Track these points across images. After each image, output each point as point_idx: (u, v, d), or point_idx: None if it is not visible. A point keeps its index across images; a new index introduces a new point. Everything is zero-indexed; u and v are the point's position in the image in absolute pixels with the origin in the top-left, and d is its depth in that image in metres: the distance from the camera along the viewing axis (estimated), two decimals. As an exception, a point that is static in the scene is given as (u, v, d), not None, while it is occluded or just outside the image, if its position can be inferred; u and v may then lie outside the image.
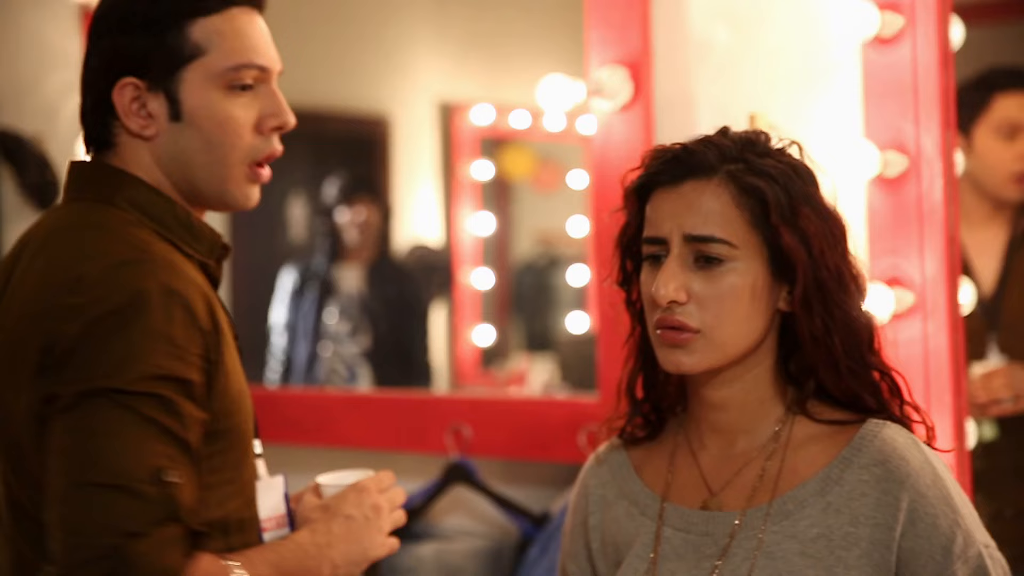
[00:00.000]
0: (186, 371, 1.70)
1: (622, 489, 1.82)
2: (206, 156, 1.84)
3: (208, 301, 1.76)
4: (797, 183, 1.70)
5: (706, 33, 2.65)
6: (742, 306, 1.68)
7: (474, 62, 4.00)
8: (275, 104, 1.86)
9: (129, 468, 1.65)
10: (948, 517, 1.65)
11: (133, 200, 1.84)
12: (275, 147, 1.87)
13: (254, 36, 1.85)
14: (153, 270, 1.72)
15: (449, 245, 4.02)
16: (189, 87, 1.82)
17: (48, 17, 3.63)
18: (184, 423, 1.69)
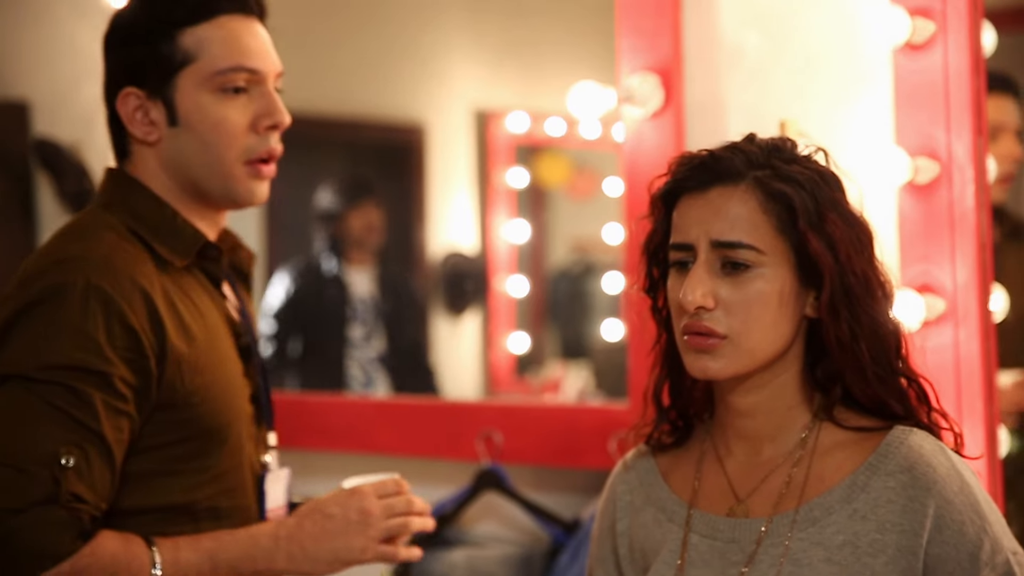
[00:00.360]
0: (101, 364, 1.80)
1: (649, 495, 1.82)
2: (203, 157, 1.95)
3: (150, 301, 1.84)
4: (824, 189, 1.70)
5: (737, 39, 2.64)
6: (769, 312, 1.68)
7: (509, 69, 4.00)
8: (268, 104, 1.95)
9: (22, 449, 1.77)
10: (975, 524, 1.64)
11: (127, 204, 1.96)
12: (272, 146, 1.96)
13: (243, 40, 1.95)
14: (83, 267, 1.83)
15: (484, 253, 4.02)
16: (183, 93, 1.94)
17: (85, 25, 3.65)
18: (94, 412, 1.79)
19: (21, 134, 3.73)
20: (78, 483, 1.78)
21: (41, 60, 3.77)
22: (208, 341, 1.93)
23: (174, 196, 1.98)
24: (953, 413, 2.23)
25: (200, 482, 1.92)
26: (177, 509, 1.91)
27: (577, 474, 2.91)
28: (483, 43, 3.96)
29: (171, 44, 1.94)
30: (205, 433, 1.92)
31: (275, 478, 2.03)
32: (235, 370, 1.98)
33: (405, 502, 1.92)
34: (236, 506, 1.97)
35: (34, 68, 3.78)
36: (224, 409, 1.93)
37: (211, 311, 1.97)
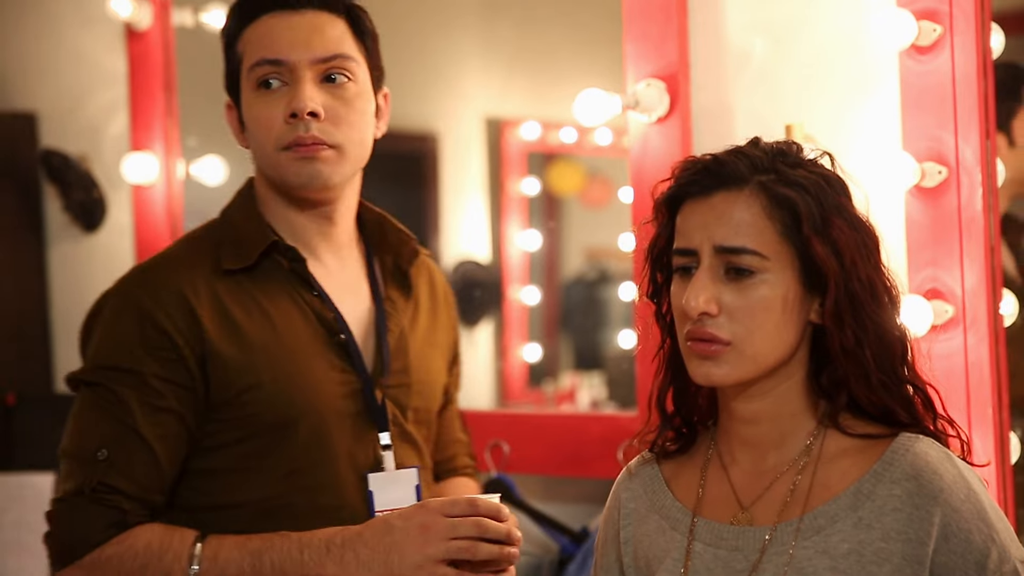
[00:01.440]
0: (134, 364, 1.93)
1: (653, 503, 1.81)
2: (257, 153, 2.05)
3: (189, 306, 1.94)
4: (829, 194, 1.69)
5: (743, 45, 2.64)
6: (773, 318, 1.67)
7: (522, 78, 3.99)
8: (291, 93, 1.99)
9: (74, 444, 1.95)
10: (982, 532, 1.62)
11: (229, 207, 2.10)
12: (298, 134, 1.99)
13: (277, 35, 2.01)
14: (127, 280, 2.03)
15: (497, 261, 4.01)
16: (243, 95, 2.05)
17: (93, 36, 3.67)
18: (129, 410, 1.92)
19: (29, 145, 3.75)
20: (114, 475, 1.91)
21: (49, 72, 3.78)
22: (273, 340, 1.98)
23: (271, 193, 2.06)
24: (962, 419, 2.22)
25: (270, 480, 1.97)
26: (248, 507, 1.96)
27: (585, 483, 2.90)
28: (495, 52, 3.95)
29: (233, 51, 2.05)
30: (269, 430, 1.96)
31: (387, 479, 2.02)
32: (317, 366, 2.00)
33: (473, 525, 1.84)
34: (321, 505, 1.98)
35: (42, 80, 3.80)
36: (290, 406, 1.96)
37: (287, 310, 2.01)
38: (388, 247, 2.14)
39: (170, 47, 3.51)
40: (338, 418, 2.00)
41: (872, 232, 1.72)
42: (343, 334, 2.02)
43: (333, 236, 2.08)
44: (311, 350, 2.00)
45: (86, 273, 3.72)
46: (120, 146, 3.60)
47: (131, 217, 3.57)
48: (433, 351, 2.17)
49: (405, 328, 2.11)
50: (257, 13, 2.03)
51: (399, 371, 2.08)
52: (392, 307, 2.10)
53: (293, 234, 2.06)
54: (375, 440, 2.03)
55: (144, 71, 3.51)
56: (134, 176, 3.50)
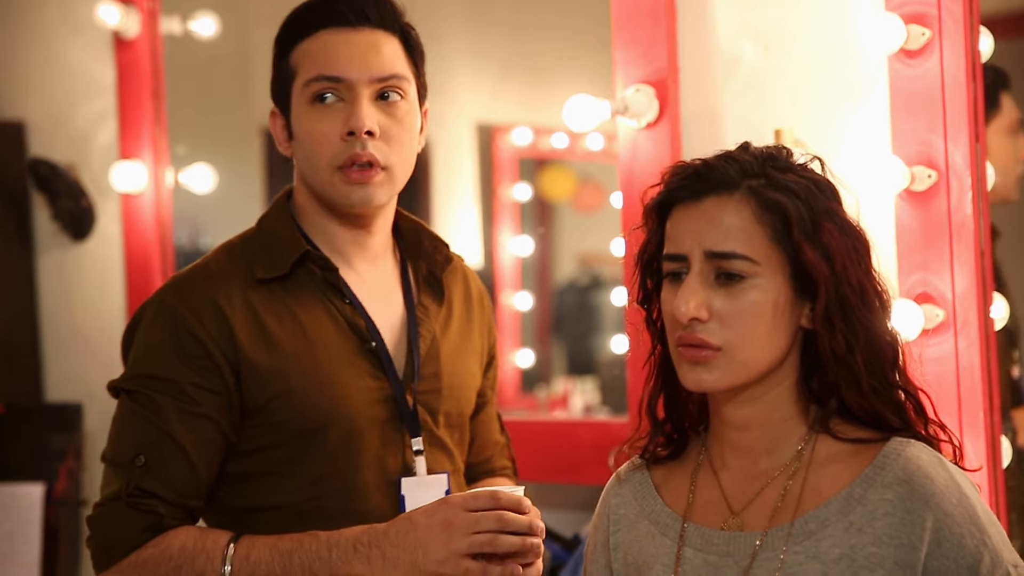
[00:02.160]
0: (169, 372, 1.98)
1: (643, 509, 1.81)
2: (307, 167, 2.06)
3: (223, 315, 1.99)
4: (819, 198, 1.68)
5: (733, 50, 2.63)
6: (764, 323, 1.66)
7: (513, 84, 3.99)
8: (349, 111, 2.01)
9: (115, 450, 2.01)
10: (975, 537, 1.62)
11: (266, 217, 2.12)
12: (355, 151, 2.01)
13: (334, 51, 2.03)
14: (164, 290, 2.06)
15: (490, 267, 4.01)
16: (294, 107, 2.07)
17: (81, 44, 3.66)
18: (165, 416, 1.97)
19: (17, 154, 3.73)
20: (151, 480, 1.96)
21: (37, 80, 3.77)
22: (304, 348, 2.01)
23: (312, 202, 2.09)
24: (954, 424, 2.21)
25: (301, 484, 2.01)
26: (282, 509, 2.01)
27: (576, 490, 2.89)
28: (486, 58, 3.95)
29: (285, 63, 2.07)
30: (300, 436, 2.00)
31: (418, 483, 2.05)
32: (348, 373, 2.03)
33: (494, 519, 1.85)
34: (353, 509, 2.00)
35: (29, 88, 3.79)
36: (320, 413, 2.00)
37: (319, 318, 2.04)
38: (422, 254, 2.17)
39: (158, 55, 3.50)
40: (368, 424, 2.03)
41: (863, 236, 1.71)
42: (374, 341, 2.05)
43: (369, 245, 2.11)
44: (343, 357, 2.03)
45: (75, 282, 3.71)
46: (109, 155, 3.59)
47: (120, 226, 3.56)
48: (466, 356, 2.19)
49: (437, 334, 2.13)
50: (314, 27, 2.05)
51: (430, 376, 2.10)
52: (424, 313, 2.13)
53: (329, 243, 2.09)
54: (405, 445, 2.06)
55: (132, 79, 3.50)
56: (123, 185, 3.49)
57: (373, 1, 2.06)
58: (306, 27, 2.05)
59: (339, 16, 2.04)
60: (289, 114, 2.07)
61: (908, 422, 1.71)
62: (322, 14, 2.05)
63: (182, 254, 3.53)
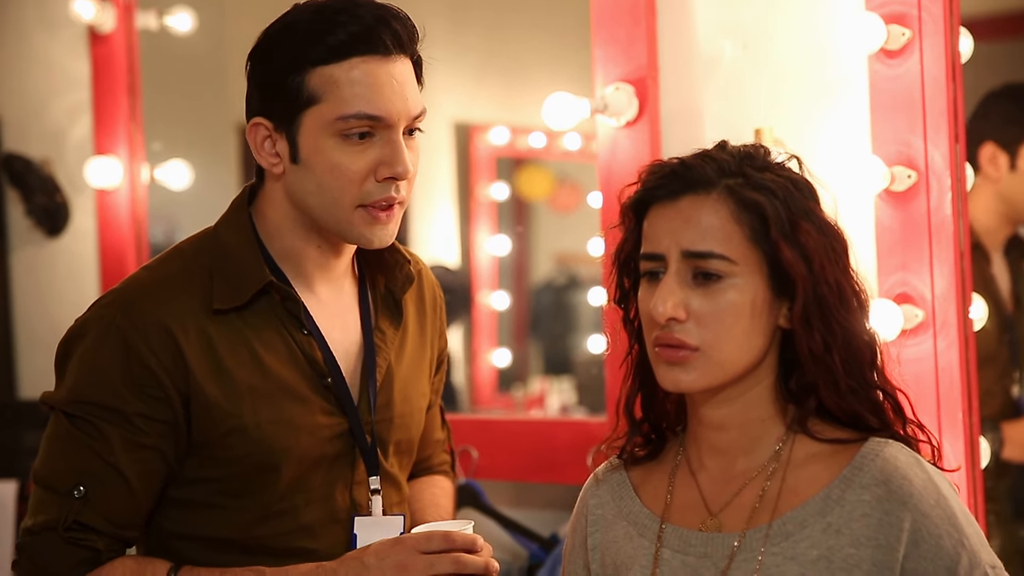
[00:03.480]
0: (116, 402, 1.88)
1: (621, 509, 1.80)
2: (319, 198, 1.90)
3: (175, 343, 1.88)
4: (797, 197, 1.67)
5: (712, 49, 2.63)
6: (742, 323, 1.65)
7: (491, 83, 3.99)
8: (391, 153, 1.88)
9: (51, 474, 1.90)
10: (952, 537, 1.61)
11: (223, 232, 1.98)
12: (389, 194, 1.89)
13: (372, 85, 1.86)
14: (112, 307, 1.92)
15: (466, 266, 4.00)
16: (306, 132, 1.89)
17: (56, 39, 3.64)
18: (110, 447, 1.88)
19: (-9, 149, 3.72)
20: (90, 513, 1.87)
21: (11, 75, 3.75)
22: (259, 382, 1.92)
23: (291, 225, 1.96)
24: (932, 424, 2.21)
25: (246, 519, 1.93)
26: (224, 543, 1.93)
27: (555, 489, 2.89)
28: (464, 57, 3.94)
29: (300, 81, 1.87)
30: (249, 472, 1.92)
31: (373, 523, 1.97)
32: (303, 411, 1.94)
33: (450, 561, 1.79)
34: (298, 548, 1.94)
35: (4, 83, 3.78)
36: (272, 452, 1.91)
37: (276, 349, 1.94)
38: (383, 268, 2.06)
39: (134, 50, 3.49)
40: (320, 462, 1.96)
41: (840, 236, 1.71)
42: (330, 377, 1.96)
43: (334, 267, 2.01)
44: (298, 393, 1.94)
45: (49, 278, 3.70)
46: (84, 150, 3.57)
47: (95, 222, 3.55)
48: (419, 376, 2.11)
49: (392, 361, 2.05)
50: (346, 53, 1.86)
51: (382, 406, 2.03)
52: (382, 339, 2.04)
53: (293, 264, 1.98)
54: (354, 482, 1.99)
55: (108, 74, 3.48)
56: (98, 180, 3.47)
57: (405, 26, 1.90)
58: (334, 50, 1.87)
59: (379, 44, 1.87)
60: (295, 135, 1.90)
61: (886, 422, 1.70)
62: (359, 39, 1.86)
63: (157, 250, 3.50)
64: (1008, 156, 2.65)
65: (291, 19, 1.91)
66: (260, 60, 1.93)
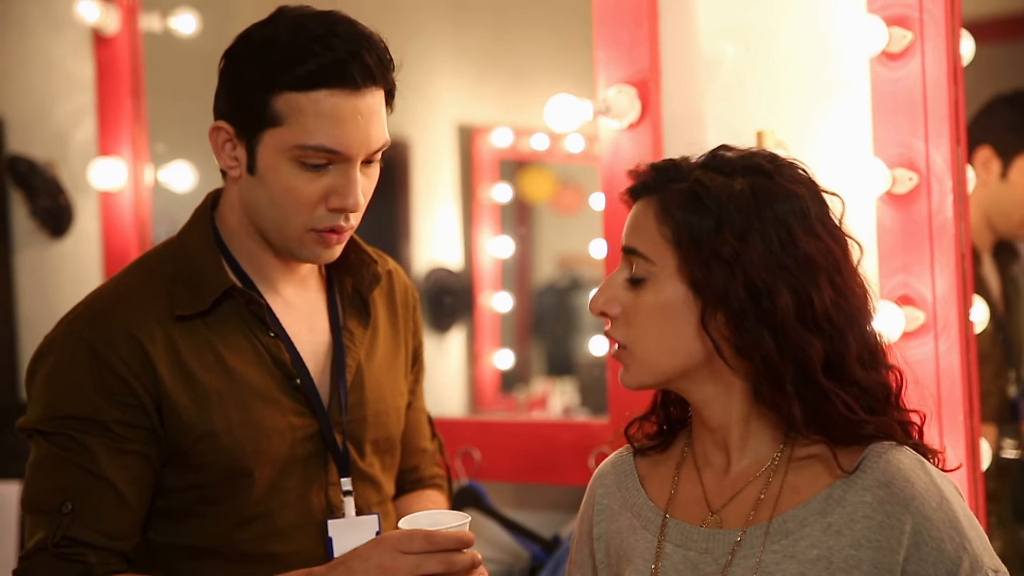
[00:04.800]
0: (93, 412, 1.87)
1: (626, 500, 1.81)
2: (271, 212, 1.92)
3: (143, 350, 1.88)
4: (740, 206, 1.65)
5: (715, 51, 2.63)
6: (660, 325, 1.67)
7: (493, 84, 3.98)
8: (343, 185, 1.88)
9: (36, 497, 1.89)
10: (954, 541, 1.61)
11: (188, 237, 1.99)
12: (338, 223, 1.90)
13: (336, 119, 1.86)
14: (78, 320, 1.93)
15: (469, 268, 4.00)
16: (265, 149, 1.90)
17: (60, 41, 3.65)
18: (94, 457, 1.87)
19: (-6, 151, 3.73)
20: (79, 527, 1.86)
21: (15, 77, 3.76)
22: (227, 387, 1.92)
23: (247, 231, 1.97)
24: (933, 426, 2.21)
25: (221, 526, 1.93)
26: (204, 550, 1.93)
27: (557, 491, 2.89)
28: (466, 58, 3.94)
29: (266, 101, 1.87)
30: (222, 479, 1.92)
31: (347, 525, 1.97)
32: (273, 413, 1.95)
33: (438, 562, 1.76)
34: (274, 552, 1.94)
35: (8, 85, 3.78)
36: (245, 457, 1.92)
37: (243, 353, 1.94)
38: (348, 268, 2.07)
39: (138, 52, 3.49)
40: (293, 465, 1.96)
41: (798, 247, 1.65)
42: (299, 377, 1.97)
43: (296, 270, 2.02)
44: (267, 396, 1.95)
45: (53, 280, 3.70)
46: (87, 152, 3.58)
47: (99, 223, 3.55)
48: (393, 374, 2.11)
49: (362, 361, 2.05)
50: (315, 84, 1.85)
51: (354, 405, 2.03)
52: (350, 339, 2.04)
53: (255, 268, 1.99)
54: (328, 483, 1.99)
55: (112, 76, 3.48)
56: (101, 182, 3.47)
57: (379, 60, 1.88)
58: (303, 80, 1.85)
59: (348, 79, 1.85)
60: (254, 149, 1.90)
61: (854, 420, 1.65)
62: (328, 73, 1.85)
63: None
64: (1001, 164, 2.65)
65: (270, 33, 1.90)
66: (233, 66, 1.93)
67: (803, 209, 1.67)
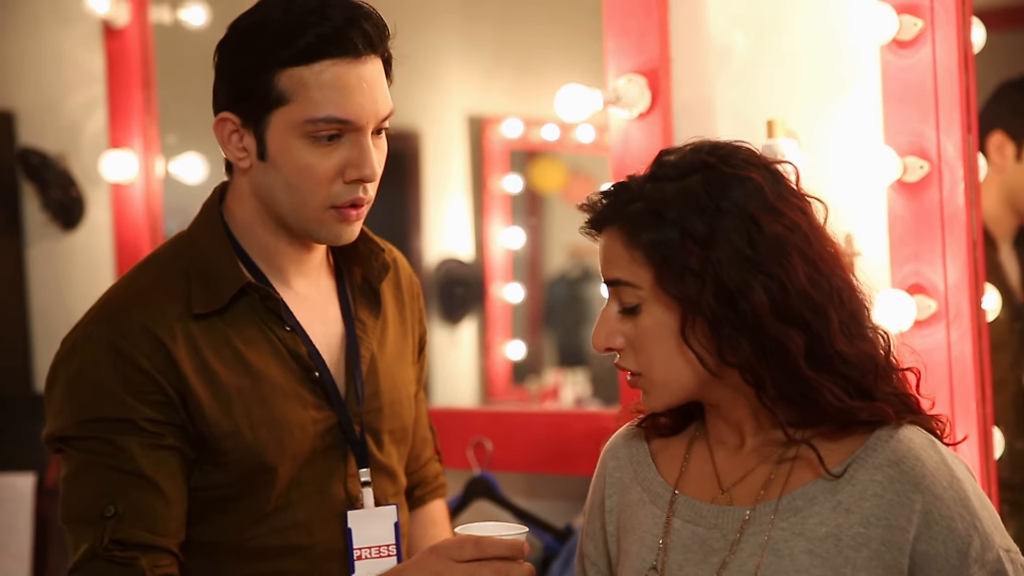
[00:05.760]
0: (123, 411, 1.85)
1: (637, 474, 1.82)
2: (287, 196, 1.91)
3: (164, 347, 1.87)
4: (690, 215, 1.64)
5: (725, 40, 2.63)
6: (664, 345, 1.67)
7: (503, 75, 3.98)
8: (357, 156, 1.87)
9: (75, 509, 1.86)
10: (965, 520, 1.61)
11: (198, 234, 1.98)
12: (358, 195, 1.90)
13: (341, 88, 1.85)
14: (97, 321, 1.91)
15: (480, 259, 4.00)
16: (274, 131, 1.89)
17: (70, 33, 3.65)
18: (130, 456, 1.85)
19: (6, 144, 3.73)
20: (126, 528, 1.83)
21: (26, 70, 3.76)
22: (247, 383, 1.92)
23: (261, 221, 1.96)
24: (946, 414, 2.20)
25: (244, 521, 1.93)
26: (224, 547, 1.93)
27: (568, 481, 2.89)
28: (477, 49, 3.94)
29: (269, 82, 1.87)
30: (245, 475, 1.92)
31: (366, 516, 1.98)
32: (293, 408, 1.95)
33: (491, 571, 1.74)
34: (294, 545, 1.95)
35: (19, 77, 3.78)
36: (268, 452, 1.92)
37: (260, 349, 1.94)
38: (357, 258, 2.07)
39: (148, 44, 3.50)
40: (313, 458, 1.96)
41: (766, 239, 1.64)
42: (318, 371, 1.97)
43: (308, 261, 2.01)
44: (286, 390, 1.95)
45: (65, 272, 3.71)
46: (99, 144, 3.58)
47: (110, 215, 3.56)
48: (402, 363, 2.12)
49: (375, 351, 2.05)
50: (316, 55, 1.84)
51: (370, 396, 2.03)
52: (363, 330, 2.04)
53: (267, 260, 1.98)
54: (347, 475, 1.99)
55: (122, 69, 3.49)
56: (113, 174, 3.48)
57: (376, 26, 1.88)
58: (303, 53, 1.85)
59: (349, 46, 1.85)
60: (263, 133, 1.90)
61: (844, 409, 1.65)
62: (329, 42, 1.85)
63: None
64: (1015, 146, 2.64)
65: (261, 16, 1.90)
66: (229, 55, 1.92)
67: (758, 189, 1.65)
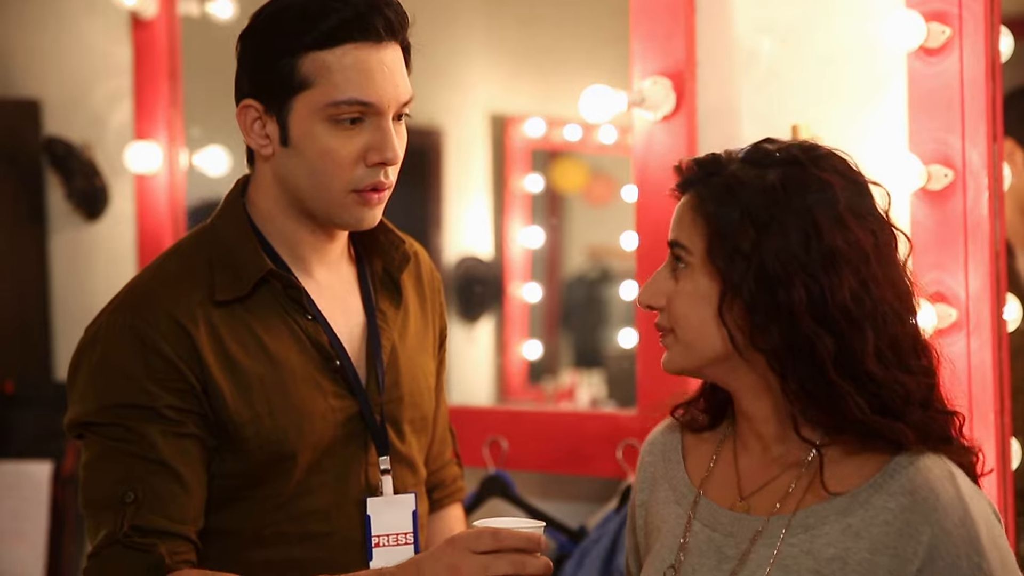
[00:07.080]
0: (145, 399, 1.87)
1: (667, 472, 1.83)
2: (310, 182, 1.93)
3: (188, 335, 1.89)
4: (757, 201, 1.66)
5: (751, 44, 2.63)
6: (697, 311, 1.70)
7: (526, 74, 3.98)
8: (380, 139, 1.90)
9: (95, 494, 1.88)
10: (971, 560, 1.60)
11: (220, 224, 1.99)
12: (379, 179, 1.92)
13: (363, 72, 1.88)
14: (121, 308, 1.93)
15: (499, 257, 4.00)
16: (297, 116, 1.91)
17: (98, 24, 3.66)
18: (151, 443, 1.86)
19: (32, 133, 3.74)
20: (145, 514, 1.85)
21: (53, 59, 3.78)
22: (268, 371, 1.93)
23: (283, 209, 1.98)
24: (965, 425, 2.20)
25: (264, 508, 1.94)
26: (239, 534, 1.94)
27: (584, 482, 2.89)
28: (500, 48, 3.94)
29: (292, 66, 1.89)
30: (266, 463, 1.93)
31: (385, 503, 1.99)
32: (315, 396, 1.96)
33: (508, 563, 1.71)
34: (312, 532, 1.96)
35: (46, 67, 3.79)
36: (289, 440, 1.93)
37: (282, 337, 1.95)
38: (378, 250, 2.08)
39: (175, 36, 3.51)
40: (333, 446, 1.97)
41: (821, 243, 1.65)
42: (339, 360, 1.98)
43: (328, 250, 2.02)
44: (307, 379, 1.96)
45: (87, 262, 3.72)
46: (124, 135, 3.59)
47: (133, 206, 3.57)
48: (423, 354, 2.13)
49: (396, 341, 2.06)
50: (338, 39, 1.87)
51: (391, 386, 2.04)
52: (383, 320, 2.05)
53: (289, 249, 2.00)
54: (367, 463, 2.00)
55: (149, 60, 3.50)
56: (137, 165, 3.49)
57: (397, 12, 1.91)
58: (326, 36, 1.88)
59: (371, 31, 1.88)
60: (286, 119, 1.92)
61: (865, 423, 1.64)
62: (351, 26, 1.87)
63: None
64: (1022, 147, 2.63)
65: (284, 3, 1.92)
66: (251, 42, 1.95)
67: (832, 199, 1.66)
